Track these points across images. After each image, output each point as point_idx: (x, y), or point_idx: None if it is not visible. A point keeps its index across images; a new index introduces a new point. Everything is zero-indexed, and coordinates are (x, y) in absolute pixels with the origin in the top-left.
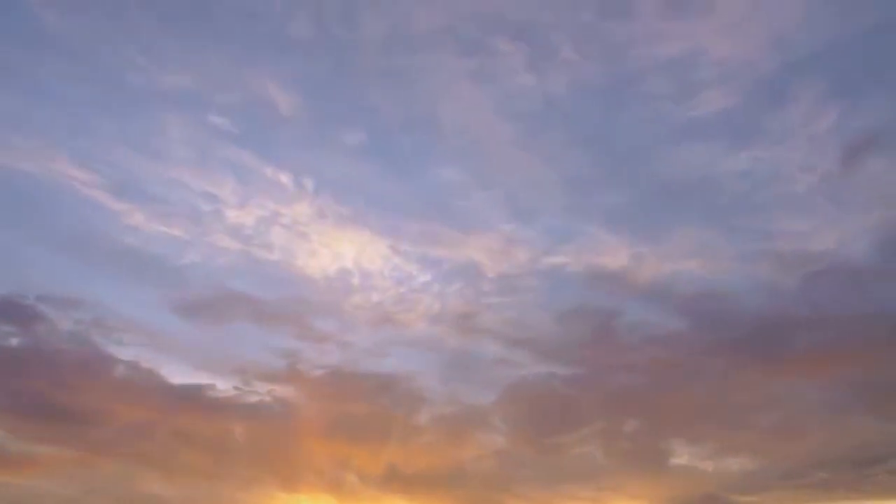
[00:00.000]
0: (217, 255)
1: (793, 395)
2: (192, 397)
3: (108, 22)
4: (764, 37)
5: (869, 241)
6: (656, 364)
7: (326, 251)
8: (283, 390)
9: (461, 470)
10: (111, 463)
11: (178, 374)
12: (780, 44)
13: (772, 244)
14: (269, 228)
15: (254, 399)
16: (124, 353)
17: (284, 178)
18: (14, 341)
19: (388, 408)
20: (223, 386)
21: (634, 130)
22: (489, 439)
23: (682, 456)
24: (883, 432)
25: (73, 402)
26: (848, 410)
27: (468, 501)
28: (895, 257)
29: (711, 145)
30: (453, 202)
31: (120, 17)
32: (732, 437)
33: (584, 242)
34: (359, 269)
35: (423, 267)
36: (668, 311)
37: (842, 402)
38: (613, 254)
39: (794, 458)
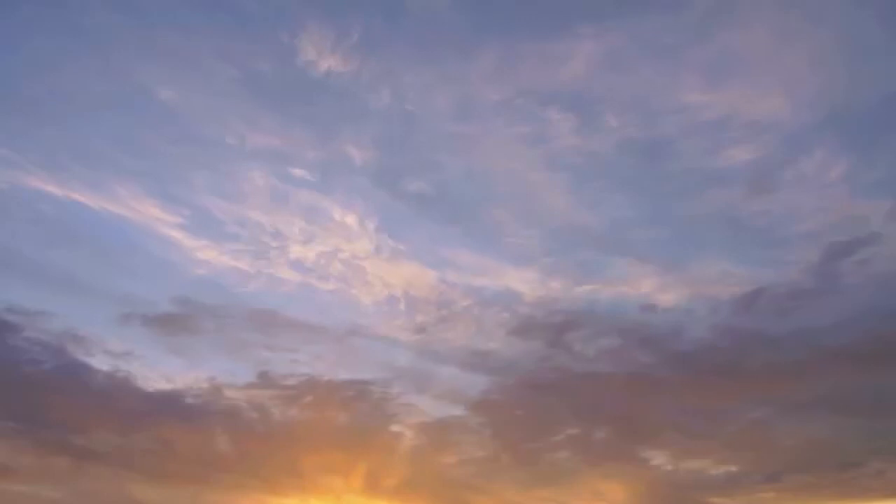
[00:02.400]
0: (276, 284)
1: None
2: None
3: (214, 97)
4: (787, 101)
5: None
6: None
7: (379, 282)
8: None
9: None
10: (97, 468)
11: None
12: (801, 107)
13: (779, 273)
14: (329, 262)
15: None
16: None
17: (349, 220)
18: None
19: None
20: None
21: (667, 180)
22: None
23: (657, 460)
24: (848, 437)
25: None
26: (808, 420)
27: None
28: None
29: (734, 191)
30: (500, 239)
31: (225, 93)
32: (707, 442)
33: (615, 273)
34: (406, 296)
35: (466, 294)
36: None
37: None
38: (640, 283)
39: (757, 464)
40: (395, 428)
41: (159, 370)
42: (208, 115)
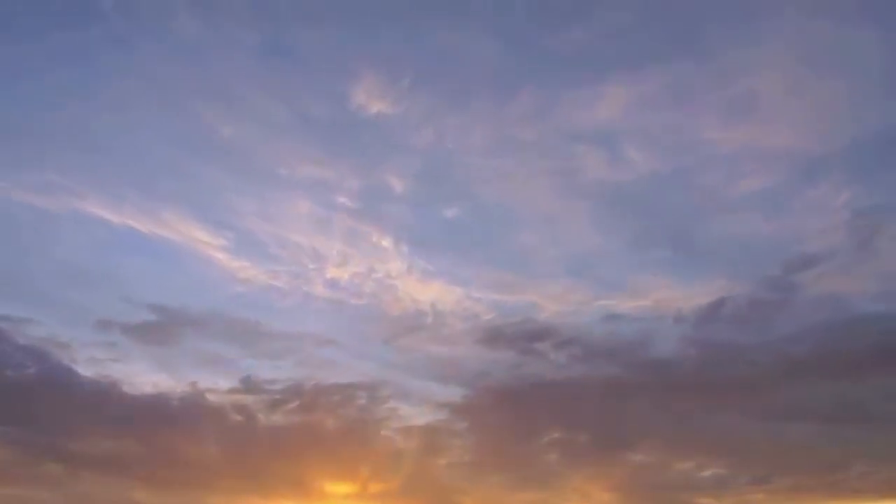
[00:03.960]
0: (311, 300)
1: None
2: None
3: (269, 134)
4: (796, 135)
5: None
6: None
7: (408, 298)
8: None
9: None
10: (86, 472)
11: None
12: (810, 140)
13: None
14: (364, 281)
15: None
16: None
17: (385, 243)
18: None
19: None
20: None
21: (685, 207)
22: None
23: (643, 463)
24: (823, 442)
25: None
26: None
27: None
28: None
29: (747, 216)
30: (526, 259)
31: (280, 131)
32: (690, 446)
33: (631, 289)
34: (433, 311)
35: (489, 308)
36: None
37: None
38: (653, 297)
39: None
40: (386, 432)
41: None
42: (262, 149)
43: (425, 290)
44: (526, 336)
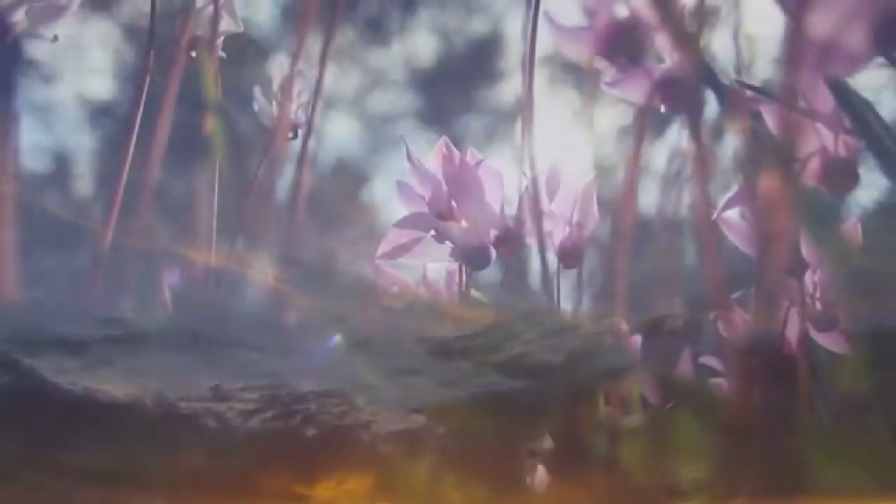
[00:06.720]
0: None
1: None
2: None
3: None
4: None
5: None
6: None
7: (445, 318)
8: None
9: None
10: (70, 480)
11: None
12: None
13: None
14: (410, 307)
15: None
16: None
17: (432, 274)
18: None
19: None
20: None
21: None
22: None
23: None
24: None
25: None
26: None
27: None
28: None
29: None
30: (552, 284)
31: None
32: (662, 450)
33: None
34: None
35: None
36: None
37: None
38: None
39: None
40: (365, 438)
41: None
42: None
43: (460, 311)
44: (480, 349)
